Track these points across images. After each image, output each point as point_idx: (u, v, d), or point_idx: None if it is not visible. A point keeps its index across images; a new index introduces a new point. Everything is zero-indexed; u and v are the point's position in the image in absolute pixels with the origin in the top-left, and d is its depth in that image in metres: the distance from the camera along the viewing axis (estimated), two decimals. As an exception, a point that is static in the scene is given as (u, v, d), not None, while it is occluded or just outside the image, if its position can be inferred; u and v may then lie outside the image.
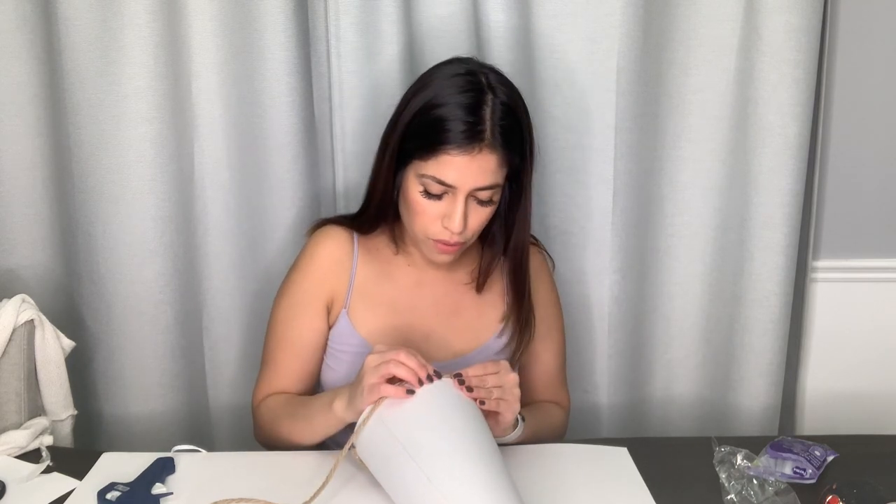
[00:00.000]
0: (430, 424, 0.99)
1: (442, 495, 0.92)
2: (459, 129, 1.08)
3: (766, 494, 1.05)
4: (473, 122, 1.08)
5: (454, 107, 1.09)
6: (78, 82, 1.40)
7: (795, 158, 1.47)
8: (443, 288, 1.27)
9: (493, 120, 1.09)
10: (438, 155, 1.09)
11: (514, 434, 1.14)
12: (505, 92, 1.13)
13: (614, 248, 1.54)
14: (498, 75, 1.15)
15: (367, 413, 1.02)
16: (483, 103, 1.10)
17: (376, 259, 1.26)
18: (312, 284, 1.23)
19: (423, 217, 1.14)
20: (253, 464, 1.14)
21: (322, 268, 1.24)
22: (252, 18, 1.41)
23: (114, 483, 1.06)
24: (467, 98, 1.10)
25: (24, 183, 1.43)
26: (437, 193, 1.12)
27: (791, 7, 1.40)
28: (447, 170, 1.09)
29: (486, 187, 1.11)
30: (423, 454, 0.96)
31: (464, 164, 1.09)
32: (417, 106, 1.12)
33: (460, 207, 1.11)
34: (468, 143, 1.08)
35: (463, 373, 1.05)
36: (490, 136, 1.09)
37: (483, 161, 1.09)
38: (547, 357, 1.33)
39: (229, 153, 1.46)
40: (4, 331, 1.20)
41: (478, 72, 1.13)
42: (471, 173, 1.09)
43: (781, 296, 1.53)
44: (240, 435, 1.58)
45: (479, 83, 1.11)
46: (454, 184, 1.10)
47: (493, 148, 1.09)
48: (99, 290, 1.48)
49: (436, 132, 1.09)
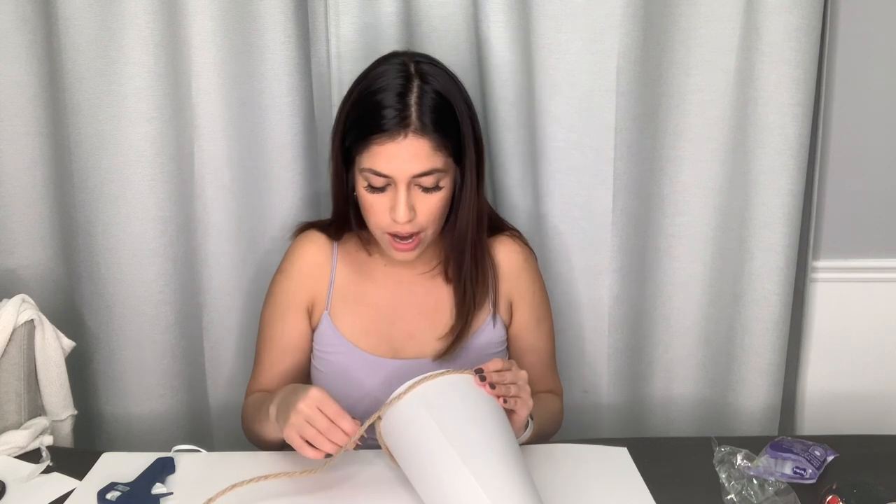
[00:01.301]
0: (466, 412, 1.01)
1: (478, 480, 0.93)
2: (387, 116, 1.09)
3: (766, 494, 1.05)
4: (399, 109, 1.09)
5: (381, 95, 1.11)
6: (78, 82, 1.39)
7: (795, 158, 1.47)
8: (422, 286, 1.27)
9: (419, 105, 1.10)
10: (370, 146, 1.10)
11: (524, 435, 1.14)
12: (436, 79, 1.13)
13: (614, 248, 1.54)
14: (431, 64, 1.16)
15: (402, 389, 1.02)
16: (409, 90, 1.10)
17: (355, 261, 1.27)
18: (291, 287, 1.26)
19: (373, 212, 1.15)
20: (253, 464, 1.13)
21: (301, 272, 1.26)
22: (252, 18, 1.41)
23: (114, 483, 1.06)
24: (394, 85, 1.11)
25: (24, 183, 1.43)
26: (379, 186, 1.12)
27: (791, 7, 1.40)
28: (379, 159, 1.10)
29: (425, 173, 1.11)
30: (458, 437, 0.97)
31: (393, 151, 1.09)
32: (352, 100, 1.15)
33: (402, 196, 1.11)
34: (394, 130, 1.09)
35: (484, 368, 1.06)
36: (417, 121, 1.09)
37: (412, 146, 1.09)
38: (538, 346, 1.33)
39: (229, 153, 1.46)
40: (4, 331, 1.20)
41: (407, 61, 1.14)
42: (402, 160, 1.10)
43: (781, 296, 1.53)
44: (240, 435, 1.58)
45: (406, 71, 1.13)
46: (388, 173, 1.11)
47: (421, 133, 1.10)
48: (99, 290, 1.48)
49: (365, 122, 1.11)
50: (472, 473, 0.94)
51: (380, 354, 1.24)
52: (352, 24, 1.42)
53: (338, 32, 1.43)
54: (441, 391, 1.03)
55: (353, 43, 1.43)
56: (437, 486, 0.97)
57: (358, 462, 1.09)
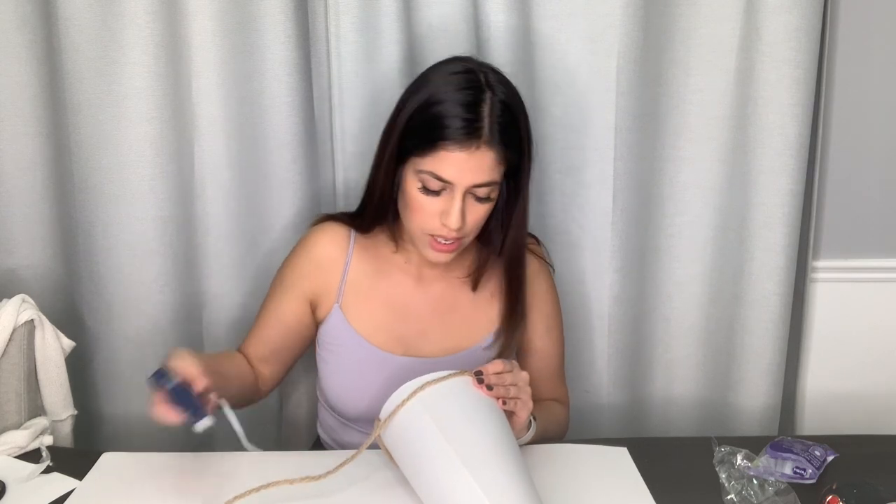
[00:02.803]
0: (466, 415, 1.01)
1: (478, 483, 0.93)
2: (458, 126, 1.09)
3: (766, 494, 1.05)
4: (472, 119, 1.09)
5: (453, 104, 1.10)
6: (78, 82, 1.39)
7: (795, 158, 1.47)
8: (439, 286, 1.27)
9: (491, 117, 1.10)
10: (437, 151, 1.10)
11: (527, 436, 1.14)
12: (503, 90, 1.13)
13: (614, 248, 1.54)
14: (496, 74, 1.16)
15: (404, 395, 1.02)
16: (482, 101, 1.11)
17: (373, 256, 1.26)
18: (296, 274, 1.27)
19: (422, 214, 1.15)
20: (253, 464, 1.13)
21: (310, 263, 1.27)
22: (252, 18, 1.41)
23: (163, 371, 1.04)
24: (466, 95, 1.11)
25: (24, 183, 1.43)
26: (435, 190, 1.12)
27: (791, 7, 1.40)
28: (445, 166, 1.10)
29: (484, 184, 1.12)
30: (458, 440, 0.97)
31: (462, 160, 1.09)
32: (417, 103, 1.13)
33: (458, 204, 1.12)
34: (466, 140, 1.09)
35: (483, 370, 1.06)
36: (488, 133, 1.10)
37: (481, 158, 1.10)
38: (547, 353, 1.34)
39: (229, 153, 1.46)
40: (4, 331, 1.20)
41: (477, 70, 1.14)
42: (468, 170, 1.10)
43: (781, 296, 1.53)
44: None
45: (477, 81, 1.12)
46: (452, 180, 1.11)
47: (490, 145, 1.10)
48: (99, 290, 1.48)
49: (435, 128, 1.10)
50: (472, 475, 0.94)
51: (389, 350, 1.24)
52: (352, 24, 1.42)
53: (338, 32, 1.43)
54: (441, 393, 1.03)
55: (354, 43, 1.43)
56: (437, 487, 0.97)
57: (357, 463, 1.08)
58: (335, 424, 1.30)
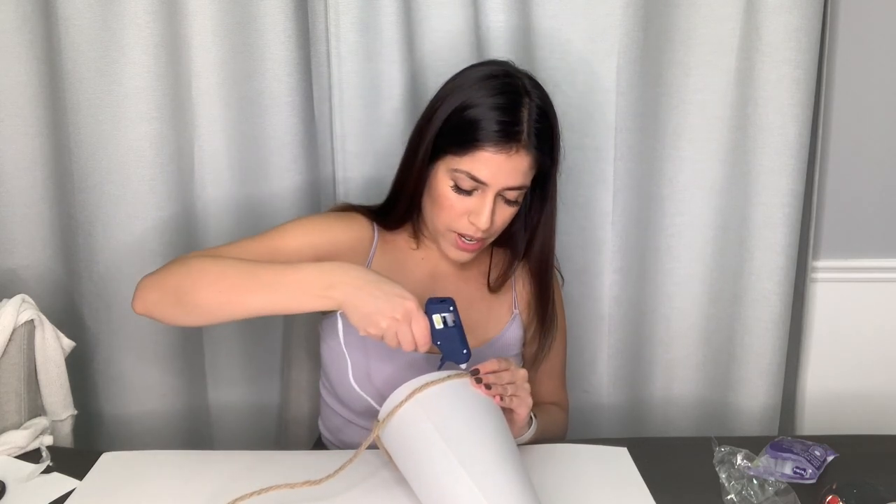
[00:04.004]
0: (464, 415, 1.01)
1: (476, 483, 0.93)
2: (499, 129, 1.10)
3: (766, 494, 1.05)
4: (512, 122, 1.11)
5: (493, 107, 1.12)
6: (78, 82, 1.39)
7: (795, 158, 1.47)
8: (454, 283, 1.28)
9: (529, 122, 1.12)
10: (475, 151, 1.11)
11: (528, 433, 1.15)
12: (539, 96, 1.15)
13: (614, 248, 1.54)
14: (532, 80, 1.17)
15: (402, 396, 1.03)
16: (521, 105, 1.12)
17: (394, 250, 1.27)
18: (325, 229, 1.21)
19: (450, 212, 1.16)
20: (254, 463, 1.13)
21: (346, 233, 1.22)
22: (252, 18, 1.41)
23: (441, 304, 1.05)
24: (506, 99, 1.12)
25: (24, 183, 1.43)
26: (467, 189, 1.14)
27: (791, 7, 1.40)
28: (482, 167, 1.11)
29: (516, 187, 1.14)
30: (456, 441, 0.97)
31: (499, 162, 1.11)
32: (455, 104, 1.14)
33: (489, 204, 1.13)
34: (506, 143, 1.10)
35: (480, 368, 1.06)
36: (526, 138, 1.11)
37: (517, 161, 1.12)
38: (550, 357, 1.34)
39: (229, 153, 1.46)
40: (4, 331, 1.20)
41: (514, 74, 1.16)
42: (504, 172, 1.12)
43: (781, 296, 1.53)
44: (240, 435, 1.58)
45: (516, 85, 1.14)
46: (487, 181, 1.12)
47: (528, 149, 1.12)
48: (99, 290, 1.48)
49: (474, 130, 1.11)
50: (469, 475, 0.94)
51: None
52: (352, 24, 1.42)
53: (338, 32, 1.43)
54: (439, 394, 1.03)
55: (354, 43, 1.43)
56: (436, 488, 0.97)
57: (357, 463, 1.08)
58: (339, 423, 1.29)
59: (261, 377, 1.58)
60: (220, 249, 1.15)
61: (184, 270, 1.08)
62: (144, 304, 1.09)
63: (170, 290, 1.07)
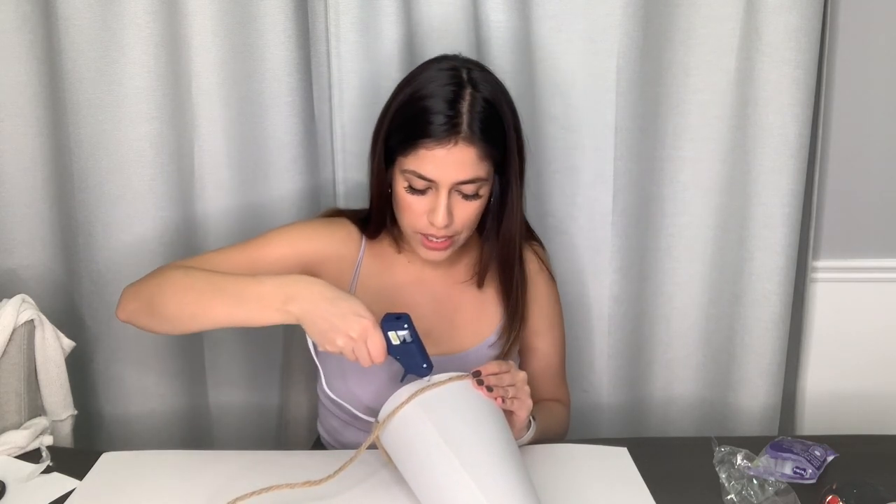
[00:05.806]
0: (466, 417, 1.01)
1: (477, 484, 0.93)
2: (437, 122, 1.09)
3: (766, 494, 1.05)
4: (451, 116, 1.09)
5: (433, 100, 1.10)
6: (78, 82, 1.40)
7: (795, 158, 1.47)
8: (442, 285, 1.27)
9: (470, 113, 1.10)
10: (417, 149, 1.10)
11: (527, 436, 1.15)
12: (486, 87, 1.13)
13: (614, 248, 1.54)
14: (482, 71, 1.16)
15: (402, 398, 1.03)
16: (461, 97, 1.10)
17: (381, 255, 1.27)
18: (310, 236, 1.23)
19: (410, 213, 1.15)
20: (253, 463, 1.13)
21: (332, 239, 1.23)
22: (252, 18, 1.41)
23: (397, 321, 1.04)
24: (445, 92, 1.10)
25: (24, 183, 1.43)
26: (420, 189, 1.12)
27: (791, 7, 1.40)
28: (425, 163, 1.10)
29: (468, 181, 1.12)
30: (457, 442, 0.97)
31: (441, 157, 1.09)
32: (400, 102, 1.14)
33: (443, 201, 1.12)
34: (444, 136, 1.09)
35: (482, 370, 1.06)
36: (467, 129, 1.09)
37: (460, 154, 1.10)
38: (548, 353, 1.34)
39: (229, 153, 1.46)
40: (4, 331, 1.20)
41: (460, 67, 1.14)
42: (449, 166, 1.10)
43: (781, 296, 1.53)
44: (240, 435, 1.58)
45: (459, 78, 1.12)
46: (433, 177, 1.11)
47: (470, 141, 1.10)
48: (99, 290, 1.48)
49: (414, 126, 1.10)
50: (470, 476, 0.94)
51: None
52: (352, 24, 1.42)
53: (338, 32, 1.42)
54: (439, 395, 1.03)
55: (354, 43, 1.43)
56: (436, 488, 0.97)
57: (357, 464, 1.08)
58: (337, 424, 1.29)
59: (261, 377, 1.58)
60: (200, 259, 1.18)
61: (157, 281, 1.13)
62: (125, 313, 1.15)
63: (144, 300, 1.13)
